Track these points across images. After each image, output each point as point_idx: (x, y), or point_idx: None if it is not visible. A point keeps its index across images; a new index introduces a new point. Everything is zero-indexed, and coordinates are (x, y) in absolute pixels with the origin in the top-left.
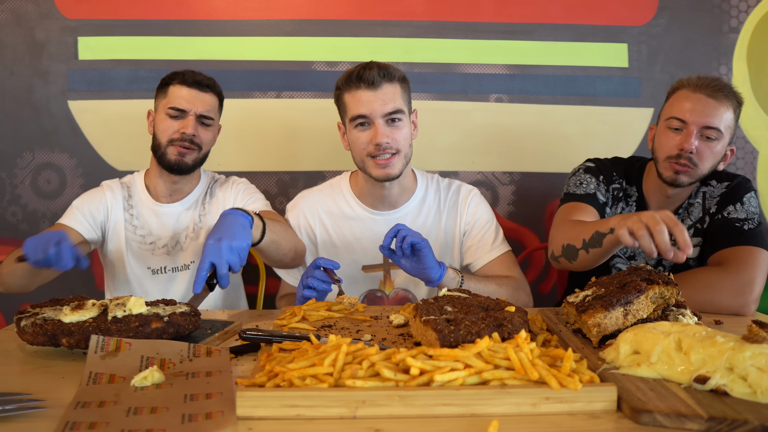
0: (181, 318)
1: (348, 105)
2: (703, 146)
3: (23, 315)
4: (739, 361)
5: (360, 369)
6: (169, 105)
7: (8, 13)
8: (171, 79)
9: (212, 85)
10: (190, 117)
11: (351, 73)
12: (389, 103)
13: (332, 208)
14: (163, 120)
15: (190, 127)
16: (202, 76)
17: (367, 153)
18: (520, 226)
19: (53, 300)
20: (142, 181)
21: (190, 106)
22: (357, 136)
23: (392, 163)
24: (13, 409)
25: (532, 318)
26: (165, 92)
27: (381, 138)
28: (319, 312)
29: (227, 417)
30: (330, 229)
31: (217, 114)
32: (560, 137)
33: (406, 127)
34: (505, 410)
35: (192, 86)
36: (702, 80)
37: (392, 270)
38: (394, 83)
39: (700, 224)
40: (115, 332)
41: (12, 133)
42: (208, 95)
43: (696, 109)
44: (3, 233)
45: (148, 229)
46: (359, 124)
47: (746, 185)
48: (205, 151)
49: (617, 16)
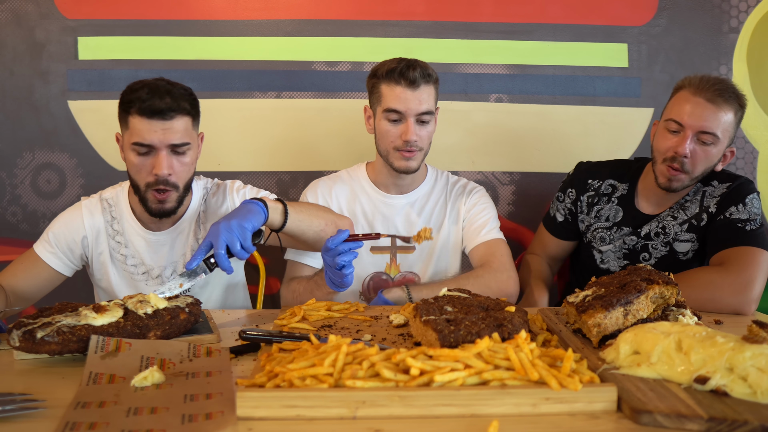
0: (194, 308)
1: (384, 96)
2: (697, 150)
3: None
4: (739, 361)
5: (360, 369)
6: (132, 141)
7: (8, 13)
8: (129, 106)
9: (177, 107)
10: (161, 154)
11: (394, 68)
12: (424, 104)
13: (347, 192)
14: (133, 157)
15: (163, 166)
16: (162, 94)
17: (394, 146)
18: (520, 226)
19: (43, 309)
20: (126, 201)
21: (156, 140)
22: (387, 128)
23: (415, 158)
24: (13, 409)
25: (532, 318)
26: (126, 122)
27: (411, 135)
28: (319, 312)
29: (227, 417)
30: (345, 210)
31: (193, 132)
32: (560, 137)
33: (432, 125)
34: (505, 410)
35: (153, 117)
36: (704, 83)
37: (399, 254)
38: (430, 85)
39: (696, 220)
40: (153, 327)
41: (12, 133)
42: (175, 120)
43: (694, 113)
44: (3, 233)
45: (139, 258)
46: (392, 119)
47: (749, 186)
48: (186, 184)
49: (617, 16)
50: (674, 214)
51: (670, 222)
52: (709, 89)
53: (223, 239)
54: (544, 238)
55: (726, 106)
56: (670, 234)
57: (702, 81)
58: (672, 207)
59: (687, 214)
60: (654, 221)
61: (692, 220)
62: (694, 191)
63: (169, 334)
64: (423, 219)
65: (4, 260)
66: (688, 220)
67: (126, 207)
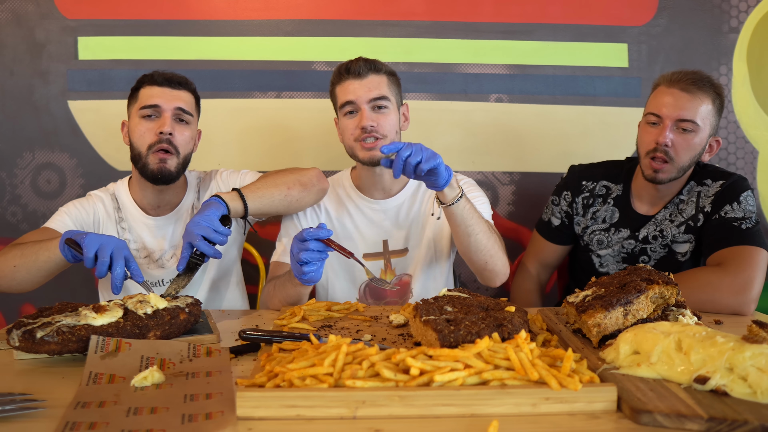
0: (194, 308)
1: (338, 95)
2: (678, 139)
3: (27, 327)
4: (739, 361)
5: (360, 369)
6: (140, 106)
7: (8, 13)
8: (140, 84)
9: (185, 83)
10: (166, 114)
11: (340, 67)
12: (374, 90)
13: (334, 199)
14: (138, 124)
15: (166, 124)
16: (173, 74)
17: (354, 138)
18: (520, 226)
19: (42, 309)
20: (127, 192)
21: (164, 102)
22: (346, 124)
23: (377, 146)
24: (13, 409)
25: (532, 318)
26: (136, 97)
27: (366, 121)
28: (319, 312)
29: (227, 417)
30: (334, 219)
31: (195, 112)
32: (560, 137)
33: (392, 115)
34: (505, 410)
35: (163, 84)
36: (677, 75)
37: (393, 258)
38: (380, 74)
39: (693, 222)
40: (153, 327)
41: (12, 133)
42: (182, 92)
43: (670, 103)
44: (3, 233)
45: (141, 243)
46: (348, 112)
47: (742, 184)
48: (185, 155)
49: (617, 16)
50: (671, 217)
51: (668, 225)
52: (682, 80)
53: (196, 233)
54: (539, 245)
55: (701, 94)
56: (668, 237)
57: (675, 74)
58: (667, 206)
59: (684, 216)
60: (651, 223)
61: (689, 221)
62: (689, 191)
63: (169, 334)
64: (411, 219)
65: None
66: (685, 222)
67: (128, 197)
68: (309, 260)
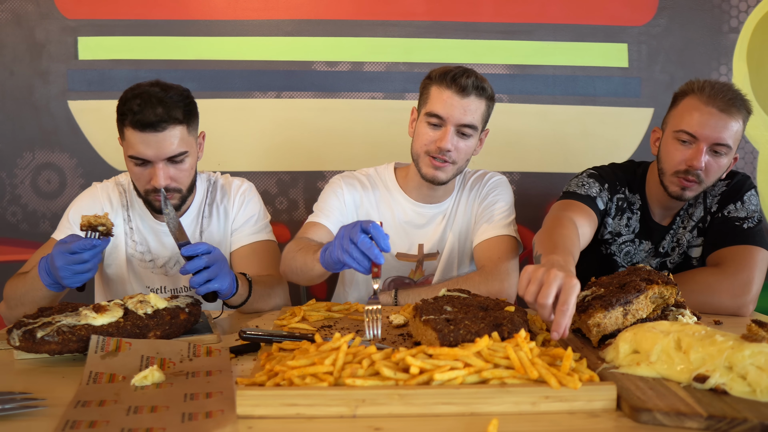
0: (194, 308)
1: (431, 98)
2: (711, 161)
3: (28, 327)
4: (739, 360)
5: (360, 368)
6: (129, 153)
7: (8, 13)
8: (123, 117)
9: (168, 116)
10: (158, 165)
11: (448, 72)
12: (469, 115)
13: (377, 197)
14: (132, 167)
15: (160, 178)
16: (155, 104)
17: (426, 150)
18: (520, 225)
19: (43, 309)
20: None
21: (151, 154)
22: (425, 131)
23: (445, 169)
24: (13, 408)
25: (532, 318)
26: (122, 132)
27: (446, 143)
28: (319, 312)
29: (227, 416)
30: (371, 214)
31: (189, 138)
32: (560, 137)
33: (472, 141)
34: (504, 409)
35: (146, 130)
36: (714, 91)
37: (426, 261)
38: (481, 99)
39: (702, 223)
40: (153, 327)
41: (12, 133)
42: (168, 131)
43: (708, 124)
44: (3, 233)
45: (146, 246)
46: (433, 123)
47: (747, 183)
48: (188, 185)
49: (617, 16)
50: (684, 223)
51: (683, 233)
52: (720, 98)
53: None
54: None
55: (738, 115)
56: (684, 244)
57: (712, 89)
58: (680, 214)
59: (694, 219)
60: (669, 235)
61: (699, 223)
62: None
63: (169, 334)
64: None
65: (4, 260)
66: (696, 225)
67: (136, 197)
68: (347, 263)
